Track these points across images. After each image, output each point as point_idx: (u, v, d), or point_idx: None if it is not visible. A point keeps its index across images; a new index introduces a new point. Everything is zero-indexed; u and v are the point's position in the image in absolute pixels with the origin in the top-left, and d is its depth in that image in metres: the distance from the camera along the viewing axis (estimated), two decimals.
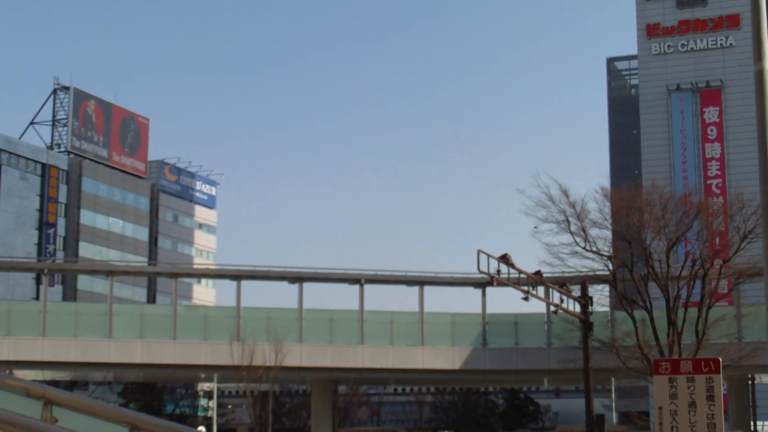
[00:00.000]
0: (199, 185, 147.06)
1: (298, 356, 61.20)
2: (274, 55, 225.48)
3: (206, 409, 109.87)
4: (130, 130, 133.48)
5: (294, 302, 63.13)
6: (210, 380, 75.45)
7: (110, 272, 68.48)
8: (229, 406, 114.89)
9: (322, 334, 63.00)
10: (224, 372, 63.01)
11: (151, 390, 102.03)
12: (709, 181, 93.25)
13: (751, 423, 62.35)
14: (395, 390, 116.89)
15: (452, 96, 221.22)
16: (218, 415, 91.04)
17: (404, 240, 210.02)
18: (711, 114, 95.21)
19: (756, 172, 15.91)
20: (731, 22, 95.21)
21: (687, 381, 18.42)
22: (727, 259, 54.66)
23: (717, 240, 57.81)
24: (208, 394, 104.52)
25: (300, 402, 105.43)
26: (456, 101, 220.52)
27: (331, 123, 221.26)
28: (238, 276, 63.45)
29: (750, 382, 63.17)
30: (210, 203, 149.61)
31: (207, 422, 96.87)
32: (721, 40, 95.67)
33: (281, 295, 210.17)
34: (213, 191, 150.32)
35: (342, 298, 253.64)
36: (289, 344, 60.34)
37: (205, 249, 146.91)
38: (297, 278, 63.22)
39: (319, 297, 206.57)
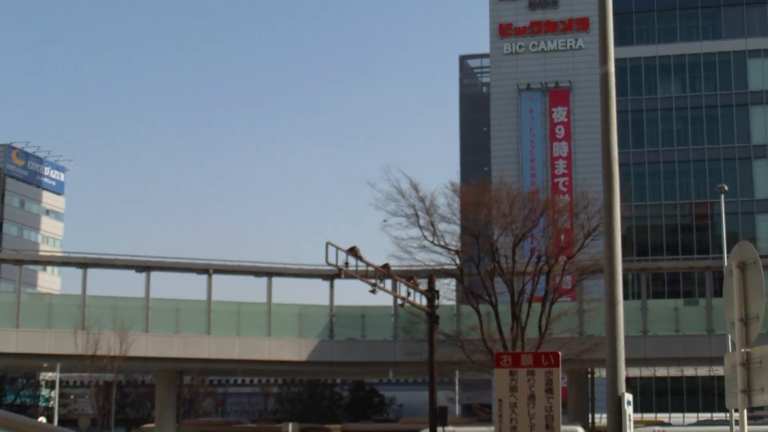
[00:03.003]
0: (47, 171, 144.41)
1: (143, 346, 60.61)
2: (125, 40, 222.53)
3: (48, 400, 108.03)
4: None
5: (141, 291, 62.51)
6: (53, 370, 74.19)
7: None
8: (72, 397, 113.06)
9: (168, 323, 62.47)
10: (68, 361, 62.04)
11: None
12: (556, 180, 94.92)
13: (590, 415, 63.77)
14: (241, 381, 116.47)
15: (304, 89, 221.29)
16: (60, 406, 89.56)
17: (253, 231, 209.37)
18: (559, 114, 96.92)
19: (601, 172, 16.31)
20: (581, 25, 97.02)
21: (527, 374, 18.76)
22: (571, 255, 55.83)
23: (562, 237, 58.93)
24: (51, 384, 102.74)
25: (144, 392, 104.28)
26: (308, 94, 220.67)
27: (182, 111, 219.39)
28: (84, 264, 62.53)
29: (590, 375, 64.60)
30: (58, 189, 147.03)
31: (48, 413, 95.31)
32: (570, 42, 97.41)
33: (129, 284, 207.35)
34: (62, 177, 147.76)
35: (190, 287, 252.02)
36: (134, 334, 59.74)
37: (51, 236, 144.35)
38: (144, 267, 62.60)
39: (167, 286, 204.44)
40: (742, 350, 13.92)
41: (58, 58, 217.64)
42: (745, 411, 14.48)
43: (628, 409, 15.48)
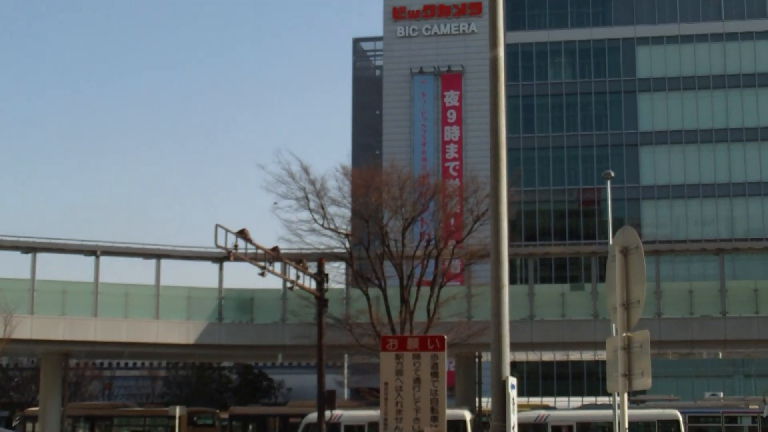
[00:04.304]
0: None
1: (28, 328, 59.56)
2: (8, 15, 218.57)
3: None
4: None
5: (26, 273, 61.43)
6: None
7: None
8: None
9: (54, 305, 61.47)
10: None
11: None
12: (447, 164, 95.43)
13: (477, 399, 64.25)
14: (128, 364, 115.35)
15: (195, 70, 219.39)
16: None
17: (142, 212, 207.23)
18: (451, 98, 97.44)
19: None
20: (474, 9, 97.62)
21: (413, 357, 18.79)
22: (460, 240, 56.13)
23: (452, 221, 59.23)
24: None
25: (29, 375, 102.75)
26: (199, 75, 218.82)
27: (71, 92, 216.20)
28: None
29: (477, 359, 65.07)
30: None
31: None
32: (463, 26, 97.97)
33: (14, 266, 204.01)
34: None
35: (77, 269, 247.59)
36: (19, 316, 58.68)
37: None
38: (30, 248, 61.45)
39: (54, 268, 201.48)
40: (624, 335, 14.05)
41: None
42: (626, 395, 14.63)
43: (512, 393, 15.57)
